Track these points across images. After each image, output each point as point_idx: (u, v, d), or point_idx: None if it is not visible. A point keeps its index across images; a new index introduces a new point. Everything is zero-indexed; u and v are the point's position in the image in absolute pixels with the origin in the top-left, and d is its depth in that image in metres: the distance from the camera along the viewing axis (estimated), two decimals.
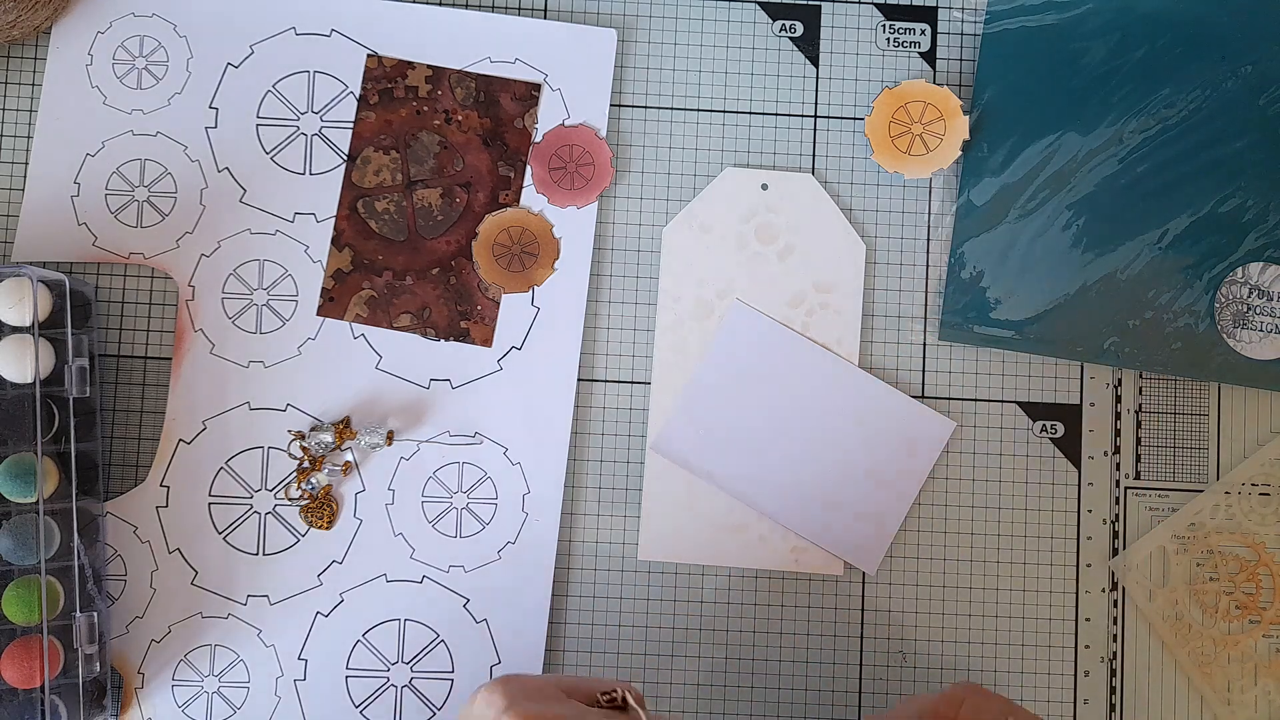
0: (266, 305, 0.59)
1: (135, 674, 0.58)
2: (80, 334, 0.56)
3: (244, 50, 0.60)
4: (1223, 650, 0.59)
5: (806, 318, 0.60)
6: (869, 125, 0.60)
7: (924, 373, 0.60)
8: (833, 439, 0.59)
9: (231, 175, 0.60)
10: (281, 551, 0.59)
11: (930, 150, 0.59)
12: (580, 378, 0.60)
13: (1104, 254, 0.60)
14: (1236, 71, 0.60)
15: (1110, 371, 0.61)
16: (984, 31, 0.61)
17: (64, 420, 0.55)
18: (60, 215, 0.59)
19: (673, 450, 0.59)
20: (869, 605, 0.60)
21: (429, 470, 0.59)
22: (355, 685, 0.58)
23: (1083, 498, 0.60)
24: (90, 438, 0.57)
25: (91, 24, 0.60)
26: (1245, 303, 0.59)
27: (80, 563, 0.55)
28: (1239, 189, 0.60)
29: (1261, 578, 0.60)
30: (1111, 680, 0.59)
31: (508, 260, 0.60)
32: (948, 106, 0.59)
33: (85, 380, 0.56)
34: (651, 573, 0.59)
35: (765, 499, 0.59)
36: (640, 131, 0.61)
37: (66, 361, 0.55)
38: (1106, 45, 0.60)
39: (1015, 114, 0.60)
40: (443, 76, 0.60)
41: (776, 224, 0.60)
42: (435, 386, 0.59)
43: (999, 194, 0.60)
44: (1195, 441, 0.61)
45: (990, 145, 0.60)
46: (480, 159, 0.60)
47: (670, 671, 0.59)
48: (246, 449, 0.59)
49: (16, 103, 0.60)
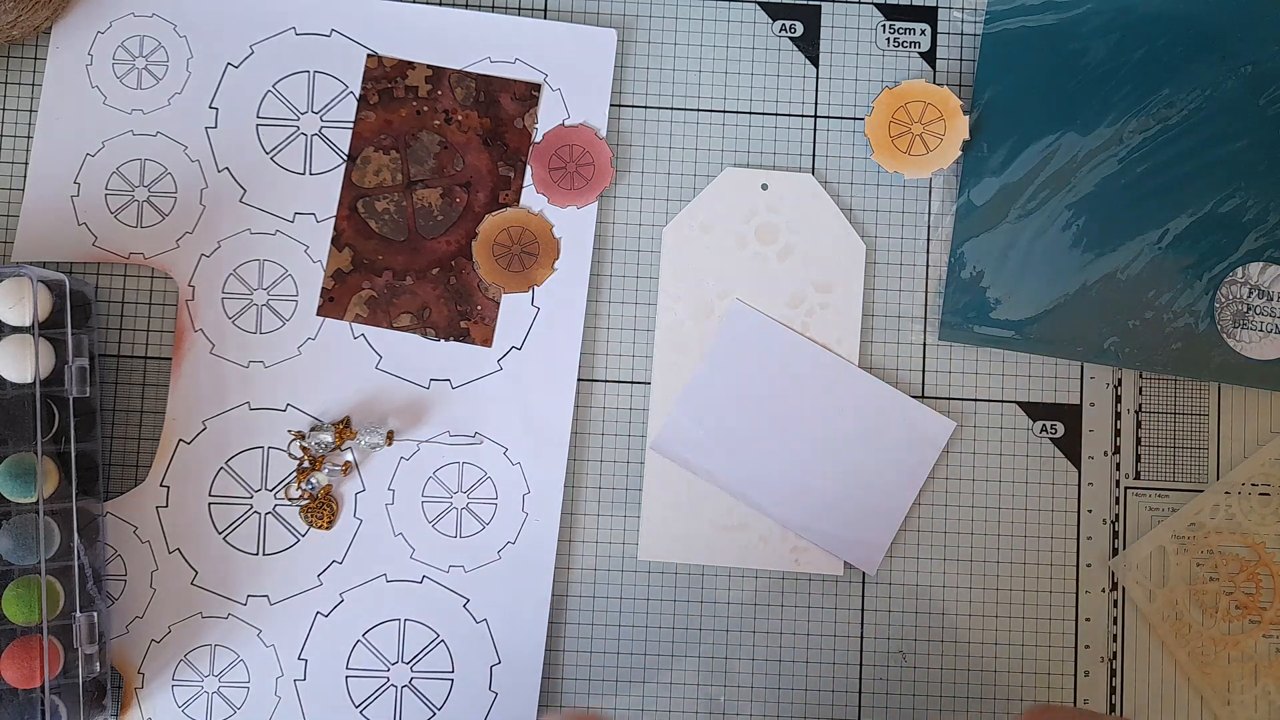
0: (266, 305, 0.59)
1: (135, 674, 0.58)
2: (80, 334, 0.56)
3: (244, 50, 0.60)
4: (1222, 651, 0.59)
5: (806, 318, 0.60)
6: (869, 125, 0.60)
7: (924, 373, 0.60)
8: (833, 439, 0.59)
9: (231, 175, 0.60)
10: (281, 551, 0.59)
11: (930, 150, 0.59)
12: (580, 378, 0.60)
13: (1104, 254, 0.60)
14: (1236, 71, 0.60)
15: (1110, 371, 0.61)
16: (984, 31, 0.61)
17: (64, 420, 0.55)
18: (60, 215, 0.59)
19: (673, 450, 0.59)
20: (869, 605, 0.60)
21: (429, 470, 0.59)
22: (355, 685, 0.58)
23: (1083, 498, 0.60)
24: (90, 438, 0.57)
25: (91, 24, 0.60)
26: (1245, 303, 0.59)
27: (80, 562, 0.55)
28: (1239, 189, 0.60)
29: (1261, 578, 0.60)
30: (1111, 680, 0.59)
31: (508, 260, 0.60)
32: (948, 106, 0.59)
33: (85, 380, 0.56)
34: (651, 573, 0.59)
35: (765, 499, 0.59)
36: (640, 131, 0.61)
37: (66, 361, 0.55)
38: (1106, 45, 0.60)
39: (1015, 114, 0.60)
40: (443, 76, 0.60)
41: (776, 224, 0.60)
42: (435, 386, 0.59)
43: (999, 194, 0.60)
44: (1195, 441, 0.61)
45: (990, 145, 0.60)
46: (480, 159, 0.60)
47: (670, 672, 0.59)
48: (246, 449, 0.59)
49: (16, 103, 0.60)
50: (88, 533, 0.57)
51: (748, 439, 0.59)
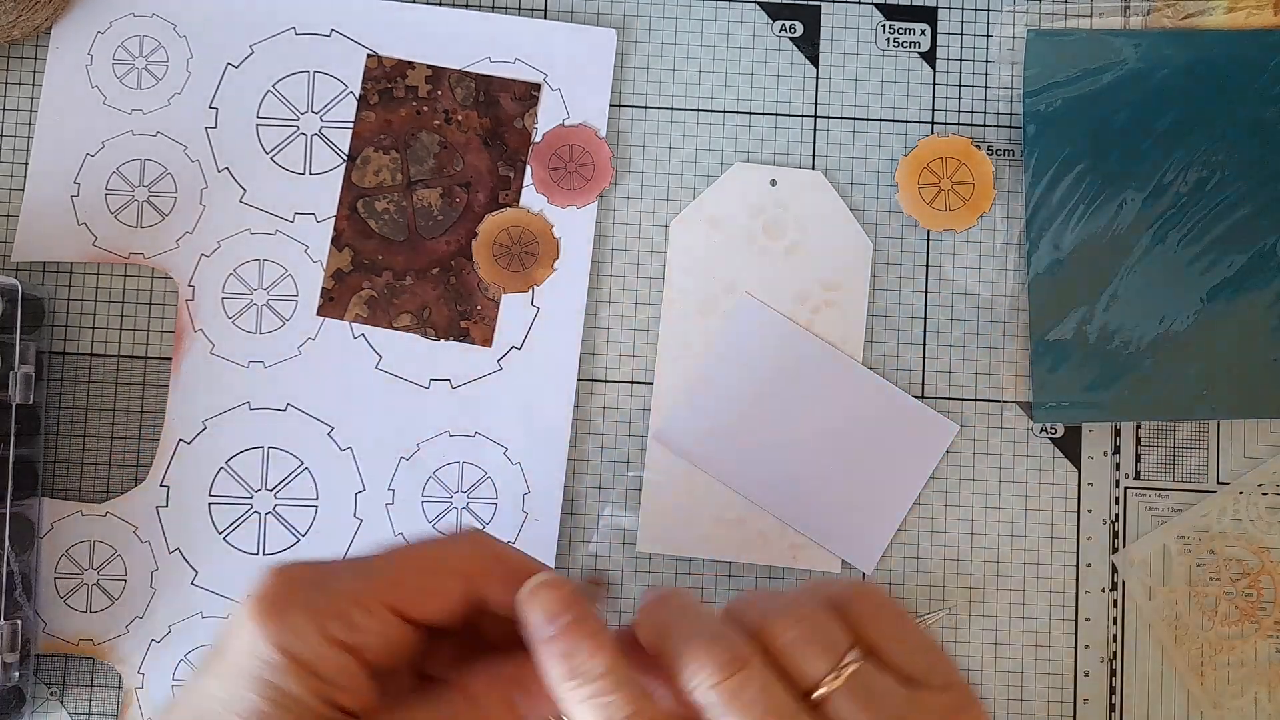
0: (266, 305, 0.60)
1: (135, 674, 0.58)
2: (29, 340, 0.56)
3: (244, 50, 0.60)
4: (1220, 654, 0.59)
5: (812, 315, 0.60)
6: (902, 199, 0.60)
7: (924, 373, 0.60)
8: (835, 436, 0.59)
9: (231, 175, 0.60)
10: (281, 551, 0.59)
11: (967, 201, 0.60)
12: (580, 378, 0.60)
13: (1181, 308, 0.60)
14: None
15: None
16: (1025, 109, 0.60)
17: (4, 427, 0.55)
18: (60, 215, 0.59)
19: (675, 440, 0.59)
20: None
21: (429, 470, 0.59)
22: None
23: (1083, 498, 0.60)
24: (32, 444, 0.57)
25: (91, 24, 0.60)
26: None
27: (10, 569, 0.55)
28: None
29: (1263, 586, 0.59)
30: (1111, 680, 0.59)
31: (508, 260, 0.60)
32: (963, 151, 0.59)
33: (30, 387, 0.56)
34: (651, 571, 0.59)
35: (765, 493, 0.59)
36: (640, 131, 0.61)
37: (13, 368, 0.55)
38: (1144, 103, 0.60)
39: (1072, 186, 0.60)
40: (442, 76, 0.60)
41: (784, 220, 0.60)
42: (435, 386, 0.59)
43: (1068, 267, 0.60)
44: (1195, 441, 0.61)
45: (1050, 220, 0.60)
46: (480, 159, 0.60)
47: None
48: (246, 449, 0.59)
49: (16, 103, 0.60)
50: (21, 539, 0.56)
51: (750, 433, 0.59)
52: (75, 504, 0.58)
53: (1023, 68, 0.60)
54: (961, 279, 0.61)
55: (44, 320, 0.59)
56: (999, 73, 0.61)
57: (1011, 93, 0.61)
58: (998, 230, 0.61)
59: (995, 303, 0.61)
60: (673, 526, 0.59)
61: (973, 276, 0.61)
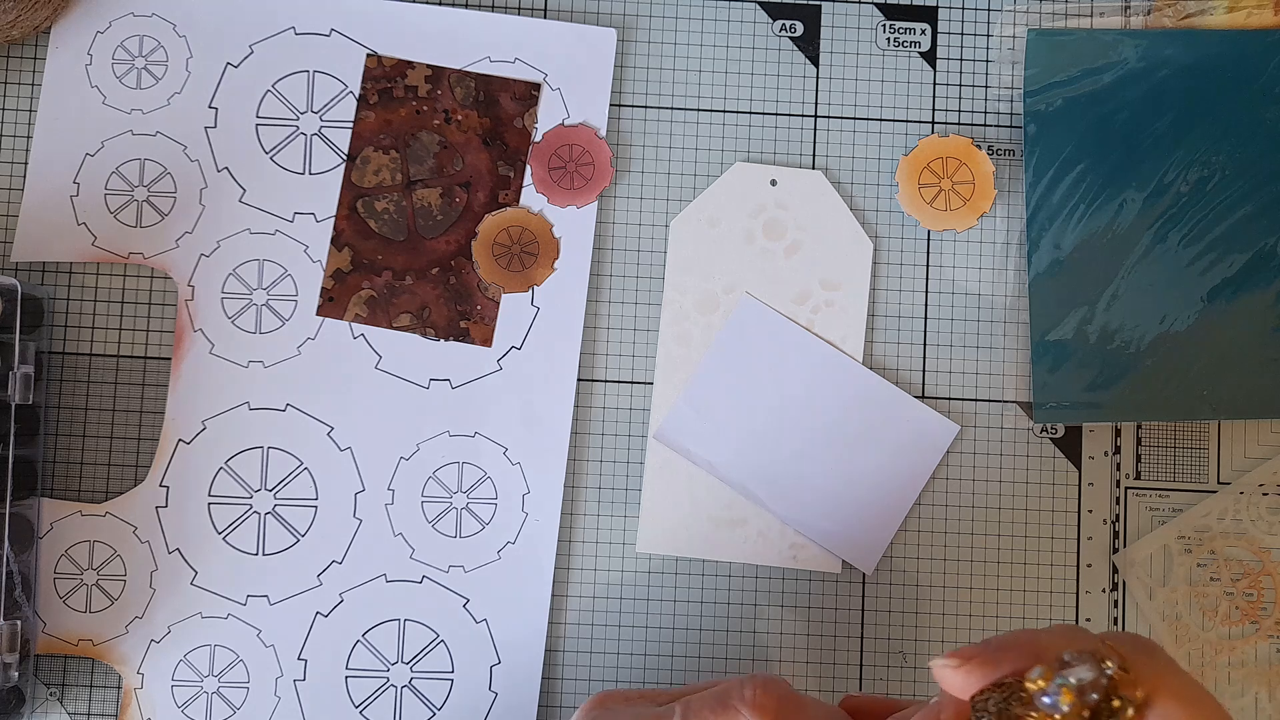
0: (266, 305, 0.59)
1: (135, 674, 0.58)
2: (28, 340, 0.56)
3: (244, 50, 0.60)
4: (1220, 654, 0.59)
5: (812, 315, 0.60)
6: (903, 200, 0.60)
7: (924, 373, 0.60)
8: (835, 436, 0.59)
9: (231, 175, 0.60)
10: (281, 551, 0.59)
11: (968, 200, 0.59)
12: (580, 378, 0.60)
13: (1181, 307, 0.60)
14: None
15: None
16: (1025, 109, 0.60)
17: (4, 427, 0.55)
18: (60, 215, 0.59)
19: (675, 439, 0.59)
20: (869, 605, 0.60)
21: (429, 470, 0.59)
22: (355, 685, 0.58)
23: (1083, 498, 0.60)
24: (32, 444, 0.57)
25: (91, 24, 0.60)
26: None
27: (9, 569, 0.55)
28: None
29: (1264, 586, 0.59)
30: None
31: (507, 260, 0.60)
32: (963, 151, 0.59)
33: (29, 387, 0.56)
34: (651, 572, 0.59)
35: (765, 493, 0.59)
36: (640, 131, 0.61)
37: (12, 368, 0.55)
38: (1147, 100, 0.59)
39: (1073, 185, 0.60)
40: (442, 76, 0.60)
41: (784, 220, 0.60)
42: (435, 386, 0.59)
43: (1068, 267, 0.60)
44: (1195, 441, 0.60)
45: (1050, 220, 0.60)
46: (480, 159, 0.60)
47: (670, 672, 0.59)
48: (246, 449, 0.59)
49: (16, 103, 0.60)
50: (21, 539, 0.56)
51: (750, 432, 0.59)
52: (75, 504, 0.58)
53: (1023, 67, 0.60)
54: (962, 279, 0.61)
55: (43, 320, 0.59)
56: (999, 73, 0.61)
57: (1012, 92, 0.61)
58: (998, 230, 0.61)
59: (996, 303, 0.61)
60: (672, 527, 0.59)
61: (973, 276, 0.61)
